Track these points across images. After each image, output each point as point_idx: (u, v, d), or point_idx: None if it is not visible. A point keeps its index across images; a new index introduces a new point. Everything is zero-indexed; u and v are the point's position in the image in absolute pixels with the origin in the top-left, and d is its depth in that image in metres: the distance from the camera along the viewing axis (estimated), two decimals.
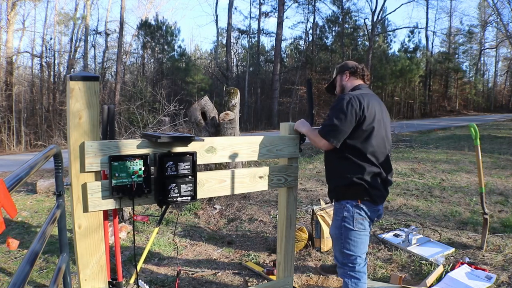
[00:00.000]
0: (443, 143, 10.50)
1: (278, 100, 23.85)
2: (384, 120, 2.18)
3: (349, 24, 29.18)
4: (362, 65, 2.32)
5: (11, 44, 17.85)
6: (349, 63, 2.33)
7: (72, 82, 1.64)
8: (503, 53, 38.40)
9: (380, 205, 2.16)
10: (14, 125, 15.99)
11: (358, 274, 2.12)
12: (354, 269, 2.11)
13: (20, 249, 3.45)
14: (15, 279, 1.01)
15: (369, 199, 2.08)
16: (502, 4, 25.62)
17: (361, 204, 2.08)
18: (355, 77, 2.28)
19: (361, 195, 2.08)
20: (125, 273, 2.89)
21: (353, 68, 2.28)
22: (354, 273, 2.11)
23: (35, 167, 1.33)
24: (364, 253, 2.15)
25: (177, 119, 8.93)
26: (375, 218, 2.18)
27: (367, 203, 2.09)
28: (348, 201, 2.10)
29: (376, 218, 2.19)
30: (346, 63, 2.35)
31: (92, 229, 1.74)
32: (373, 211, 2.12)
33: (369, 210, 2.10)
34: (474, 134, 3.29)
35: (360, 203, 2.08)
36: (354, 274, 2.11)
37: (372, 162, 2.08)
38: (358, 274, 2.12)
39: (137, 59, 25.58)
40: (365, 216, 2.09)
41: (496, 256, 3.12)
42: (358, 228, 2.08)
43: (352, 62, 2.35)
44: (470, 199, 4.88)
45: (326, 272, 2.96)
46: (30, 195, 5.41)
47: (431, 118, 26.00)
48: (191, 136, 1.89)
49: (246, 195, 4.94)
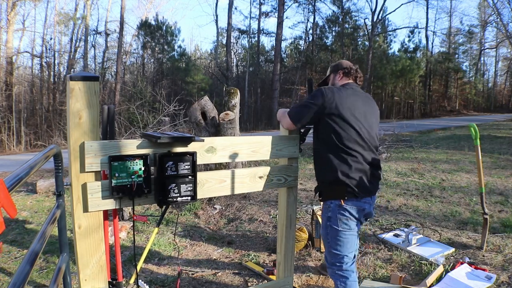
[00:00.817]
0: (443, 143, 10.50)
1: (278, 100, 23.84)
2: (367, 116, 2.15)
3: (349, 24, 29.18)
4: (356, 66, 2.31)
5: (11, 44, 17.87)
6: (343, 63, 2.33)
7: (72, 82, 1.64)
8: (503, 53, 38.42)
9: (364, 200, 2.10)
10: (14, 125, 15.99)
11: (346, 273, 2.13)
12: (341, 268, 2.12)
13: (20, 249, 3.45)
14: (15, 279, 1.01)
15: (352, 196, 2.06)
16: (502, 4, 25.64)
17: (344, 204, 2.07)
18: (348, 77, 2.28)
19: (342, 194, 2.06)
20: (125, 273, 2.89)
21: (346, 68, 2.28)
22: (342, 272, 2.13)
23: (35, 167, 1.33)
24: (352, 252, 2.15)
25: (177, 119, 8.93)
26: (362, 218, 2.15)
27: (351, 201, 2.07)
28: (332, 201, 2.10)
29: (364, 217, 2.17)
30: (340, 62, 2.35)
31: (92, 229, 1.74)
32: (358, 211, 2.10)
33: (353, 210, 2.08)
34: (474, 134, 3.29)
35: (344, 202, 2.07)
36: (342, 273, 2.13)
37: (351, 157, 2.06)
38: (346, 273, 2.13)
39: (137, 59, 25.59)
40: (349, 216, 2.08)
41: (496, 256, 3.12)
42: (343, 228, 2.08)
43: (346, 62, 2.34)
44: (470, 199, 4.88)
45: (326, 272, 2.96)
46: (30, 195, 5.41)
47: (431, 118, 25.99)
48: (191, 136, 1.89)
49: (246, 195, 4.94)
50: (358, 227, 2.16)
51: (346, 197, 2.06)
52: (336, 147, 2.06)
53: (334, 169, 2.07)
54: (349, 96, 2.11)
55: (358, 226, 2.15)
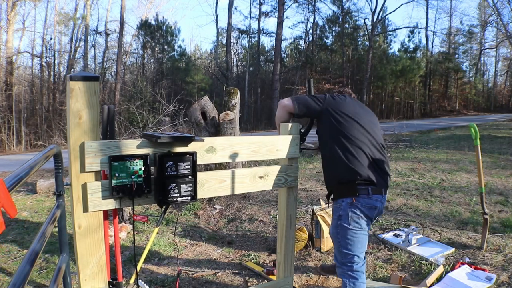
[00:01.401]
0: (443, 143, 10.50)
1: (278, 100, 23.75)
2: (368, 117, 2.21)
3: (349, 24, 29.19)
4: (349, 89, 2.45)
5: (11, 44, 17.86)
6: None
7: (72, 82, 1.64)
8: (503, 53, 38.44)
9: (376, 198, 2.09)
10: (14, 125, 15.99)
11: (356, 274, 2.11)
12: (352, 269, 2.10)
13: (20, 249, 3.45)
14: (15, 279, 1.01)
15: (364, 193, 2.06)
16: (502, 4, 25.63)
17: (356, 202, 2.06)
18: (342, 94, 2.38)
19: (354, 191, 2.06)
20: (125, 273, 2.89)
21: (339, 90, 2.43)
22: (352, 273, 2.11)
23: (35, 167, 1.33)
24: (362, 252, 2.13)
25: (177, 119, 8.92)
26: (373, 216, 2.14)
27: (363, 199, 2.06)
28: (344, 199, 2.10)
29: (375, 215, 2.16)
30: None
31: (92, 229, 1.74)
32: (370, 208, 2.08)
33: (364, 208, 2.07)
34: (474, 134, 3.29)
35: (355, 200, 2.06)
36: (352, 274, 2.10)
37: (361, 154, 2.07)
38: (356, 274, 2.11)
39: (137, 59, 25.60)
40: (360, 215, 2.07)
41: (496, 256, 3.12)
42: (354, 227, 2.07)
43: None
44: (470, 199, 4.88)
45: (326, 272, 2.96)
46: (30, 195, 5.41)
47: (431, 118, 26.00)
48: (191, 136, 1.89)
49: (246, 195, 4.94)
50: (369, 226, 2.15)
51: (358, 194, 2.05)
52: (345, 146, 2.08)
53: (344, 166, 2.08)
54: (349, 99, 2.22)
55: (368, 225, 2.14)
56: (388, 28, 29.86)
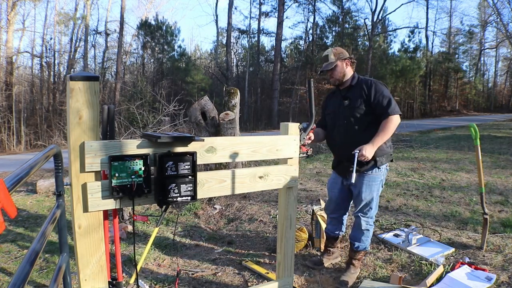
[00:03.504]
0: (443, 143, 10.50)
1: (278, 100, 23.83)
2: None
3: (349, 24, 29.16)
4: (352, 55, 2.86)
5: (11, 44, 17.87)
6: (345, 53, 2.76)
7: (72, 82, 1.64)
8: (503, 53, 38.43)
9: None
10: (14, 125, 15.98)
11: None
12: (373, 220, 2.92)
13: (20, 249, 3.45)
14: (15, 279, 1.01)
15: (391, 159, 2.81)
16: (502, 4, 25.65)
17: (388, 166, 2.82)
18: (352, 67, 2.78)
19: (391, 157, 2.78)
20: (125, 273, 2.89)
21: (351, 58, 2.77)
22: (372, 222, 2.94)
23: (35, 167, 1.33)
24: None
25: (177, 119, 8.93)
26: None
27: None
28: (386, 165, 2.74)
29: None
30: (343, 51, 2.76)
31: (92, 229, 1.74)
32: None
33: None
34: (474, 134, 3.29)
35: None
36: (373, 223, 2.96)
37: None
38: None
39: (137, 59, 25.59)
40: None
41: (496, 256, 3.12)
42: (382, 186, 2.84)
43: (346, 52, 2.77)
44: (470, 199, 4.88)
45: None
46: (30, 195, 5.41)
47: (431, 118, 25.99)
48: (191, 136, 1.89)
49: (246, 195, 4.94)
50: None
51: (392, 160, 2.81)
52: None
53: (390, 140, 2.76)
54: None
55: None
56: (388, 28, 29.86)
